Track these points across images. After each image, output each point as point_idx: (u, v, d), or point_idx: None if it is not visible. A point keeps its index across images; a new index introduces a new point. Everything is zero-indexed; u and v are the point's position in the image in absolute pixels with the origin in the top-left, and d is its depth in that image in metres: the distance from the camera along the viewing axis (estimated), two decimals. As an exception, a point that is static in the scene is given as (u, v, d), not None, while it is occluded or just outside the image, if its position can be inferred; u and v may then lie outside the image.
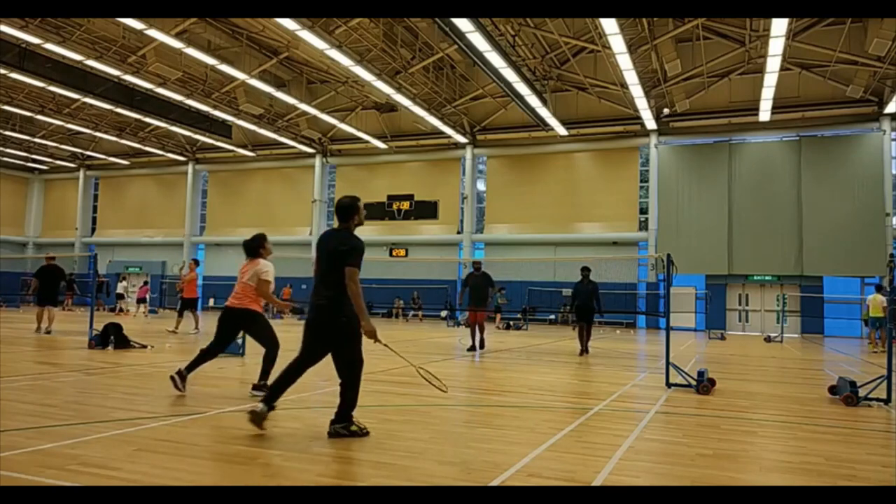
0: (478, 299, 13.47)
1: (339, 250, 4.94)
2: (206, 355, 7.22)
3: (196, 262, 16.88)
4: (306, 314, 5.26)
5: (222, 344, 7.25)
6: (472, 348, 13.45)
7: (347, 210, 5.14)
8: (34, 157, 39.54)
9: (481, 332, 13.62)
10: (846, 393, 7.51)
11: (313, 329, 5.09)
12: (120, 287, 28.73)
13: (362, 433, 5.10)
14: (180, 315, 16.40)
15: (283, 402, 6.69)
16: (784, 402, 7.82)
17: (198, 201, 38.45)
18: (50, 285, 15.46)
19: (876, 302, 16.76)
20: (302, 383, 8.13)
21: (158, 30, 20.34)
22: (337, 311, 4.94)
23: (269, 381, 7.15)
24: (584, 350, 13.42)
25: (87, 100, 27.66)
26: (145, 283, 30.59)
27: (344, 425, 5.08)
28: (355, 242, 4.99)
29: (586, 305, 13.52)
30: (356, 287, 4.90)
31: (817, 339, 24.27)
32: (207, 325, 21.94)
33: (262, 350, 7.31)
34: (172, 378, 7.03)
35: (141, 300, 27.32)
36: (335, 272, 4.92)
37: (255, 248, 7.60)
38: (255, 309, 7.30)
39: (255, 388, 7.20)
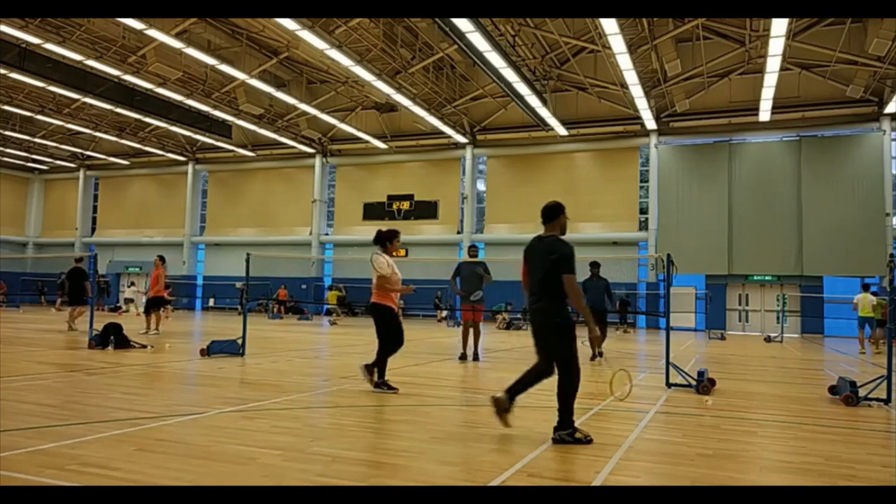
0: (470, 292, 11.18)
1: (549, 258, 5.08)
2: (385, 356, 7.45)
3: (161, 259, 16.18)
4: (528, 320, 5.40)
5: (395, 339, 7.48)
6: (464, 357, 11.26)
7: (549, 213, 5.29)
8: (34, 157, 39.54)
9: (476, 337, 11.34)
10: (846, 393, 7.51)
11: (535, 334, 5.27)
12: (129, 292, 28.56)
13: (586, 440, 5.02)
14: (159, 314, 15.64)
15: (283, 402, 6.70)
16: (784, 402, 7.81)
17: (198, 201, 38.45)
18: (74, 285, 15.65)
19: (865, 301, 16.61)
20: (302, 383, 8.15)
21: (158, 30, 20.35)
22: (552, 316, 5.11)
23: (381, 378, 7.40)
24: (599, 354, 11.83)
25: (87, 100, 27.66)
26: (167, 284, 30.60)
27: (569, 432, 5.04)
28: (565, 249, 5.08)
29: (597, 305, 12.16)
30: (576, 292, 5.07)
31: (817, 339, 24.27)
32: (210, 325, 22.03)
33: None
34: (378, 389, 7.34)
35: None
36: (548, 278, 5.08)
37: (381, 240, 7.63)
38: (380, 303, 7.43)
39: (376, 385, 7.40)
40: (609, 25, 18.09)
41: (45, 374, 8.31)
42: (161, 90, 26.65)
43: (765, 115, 25.41)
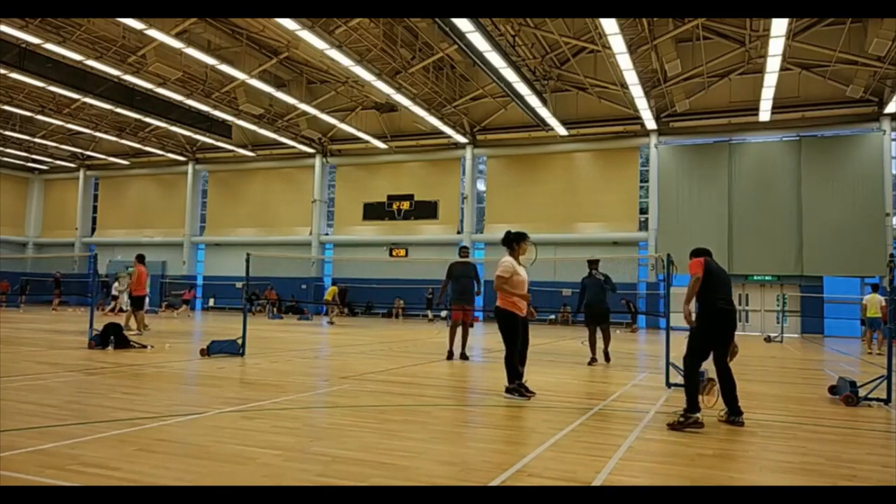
0: (462, 293, 10.97)
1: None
2: (510, 360, 7.35)
3: (139, 259, 15.87)
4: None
5: (515, 344, 7.42)
6: (451, 355, 11.10)
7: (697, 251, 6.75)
8: (34, 157, 39.52)
9: (465, 337, 11.29)
10: (846, 393, 7.51)
11: (731, 333, 6.52)
12: (114, 289, 28.73)
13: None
14: (134, 313, 15.40)
15: (283, 402, 6.71)
16: (784, 402, 7.82)
17: (198, 201, 38.44)
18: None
19: (874, 302, 16.67)
20: (302, 383, 8.15)
21: (158, 30, 20.33)
22: None
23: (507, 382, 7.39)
24: (605, 357, 11.49)
25: (87, 100, 27.64)
26: (192, 287, 31.10)
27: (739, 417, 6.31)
28: None
29: (598, 303, 11.40)
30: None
31: (817, 339, 24.26)
32: (210, 325, 22.02)
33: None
34: (512, 394, 7.25)
35: (185, 302, 27.82)
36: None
37: (508, 241, 7.62)
38: (500, 307, 7.40)
39: (507, 390, 7.33)
40: (609, 25, 18.08)
41: (45, 374, 8.31)
42: (161, 90, 26.63)
43: (765, 115, 25.40)
